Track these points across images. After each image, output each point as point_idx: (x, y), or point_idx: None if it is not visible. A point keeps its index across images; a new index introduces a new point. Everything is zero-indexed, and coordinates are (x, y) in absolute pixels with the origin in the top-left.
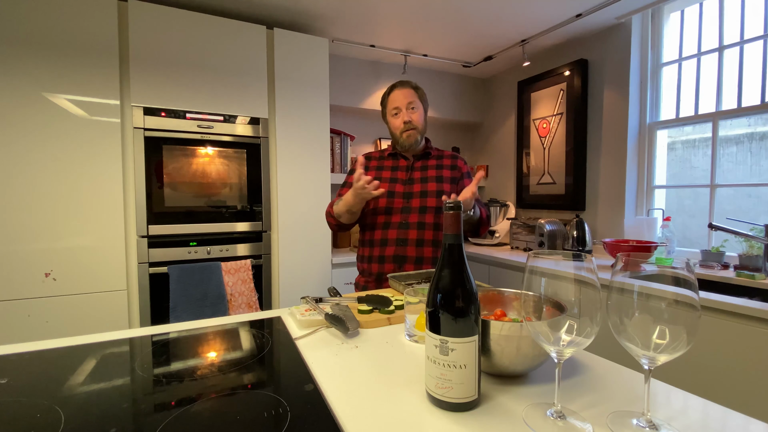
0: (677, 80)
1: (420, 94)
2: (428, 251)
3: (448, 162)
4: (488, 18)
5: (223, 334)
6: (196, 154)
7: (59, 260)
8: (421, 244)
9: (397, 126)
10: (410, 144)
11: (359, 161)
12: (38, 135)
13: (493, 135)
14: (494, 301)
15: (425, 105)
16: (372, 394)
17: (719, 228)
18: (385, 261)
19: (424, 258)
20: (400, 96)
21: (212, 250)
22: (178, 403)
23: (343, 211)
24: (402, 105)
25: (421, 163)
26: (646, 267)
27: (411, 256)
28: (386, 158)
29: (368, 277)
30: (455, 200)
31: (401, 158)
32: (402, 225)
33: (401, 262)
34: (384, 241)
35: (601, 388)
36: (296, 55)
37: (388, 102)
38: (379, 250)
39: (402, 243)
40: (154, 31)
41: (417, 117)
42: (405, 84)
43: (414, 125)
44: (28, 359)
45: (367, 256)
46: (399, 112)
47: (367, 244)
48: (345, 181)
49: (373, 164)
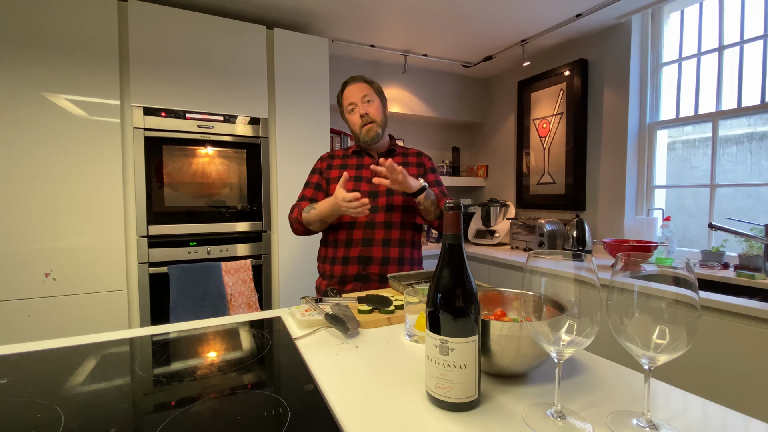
0: (677, 80)
1: (375, 88)
2: (395, 251)
3: (413, 160)
4: (488, 18)
5: (223, 334)
6: (196, 154)
7: (59, 260)
8: (388, 243)
9: (355, 122)
10: (371, 138)
11: (344, 177)
12: (38, 135)
13: (493, 135)
14: (494, 301)
15: (383, 99)
16: (372, 394)
17: (719, 228)
18: (349, 262)
19: (390, 258)
20: (354, 90)
21: (212, 250)
22: (178, 403)
23: (316, 220)
24: (357, 99)
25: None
26: (646, 267)
27: (377, 257)
28: (350, 156)
29: (329, 280)
30: (455, 200)
31: (366, 156)
32: (368, 224)
33: (366, 263)
34: (349, 241)
35: (601, 388)
36: (296, 55)
37: (344, 99)
38: (344, 251)
39: (368, 243)
40: (154, 31)
41: (373, 109)
42: (357, 78)
43: (371, 118)
44: (28, 359)
45: (330, 257)
46: (355, 107)
47: (330, 245)
48: (308, 182)
49: (337, 162)
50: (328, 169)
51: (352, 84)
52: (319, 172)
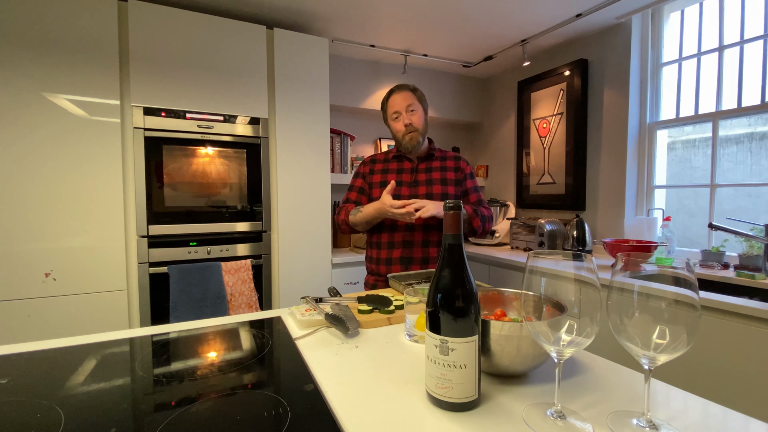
0: (677, 80)
1: (418, 96)
2: (434, 251)
3: (451, 164)
4: (488, 18)
5: (223, 334)
6: (196, 154)
7: (59, 260)
8: (427, 245)
9: (398, 129)
10: (413, 146)
11: (392, 185)
12: (38, 135)
13: (493, 135)
14: (494, 301)
15: (425, 106)
16: (372, 394)
17: (719, 228)
18: (392, 263)
19: (430, 258)
20: (399, 99)
21: (212, 250)
22: (178, 403)
23: (362, 222)
24: (401, 108)
25: (425, 165)
26: (646, 267)
27: (417, 257)
28: (391, 160)
29: (377, 277)
30: (455, 200)
31: (406, 160)
32: (408, 227)
33: (408, 263)
34: (391, 243)
35: (601, 388)
36: (296, 55)
37: (388, 107)
38: (387, 252)
39: (408, 245)
40: (154, 31)
41: (417, 119)
42: (403, 87)
43: (415, 127)
44: (28, 359)
45: (375, 257)
46: (399, 116)
47: (374, 246)
48: (352, 185)
49: (378, 167)
50: (370, 174)
51: (397, 92)
52: (362, 177)
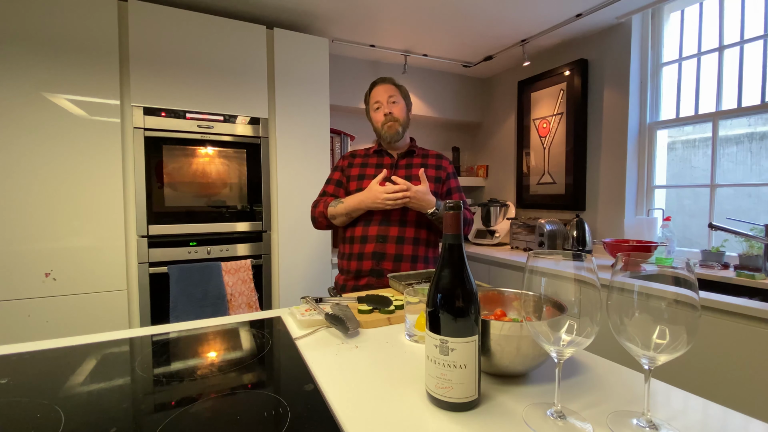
0: (677, 80)
1: (402, 91)
2: (408, 249)
3: (432, 161)
4: (488, 18)
5: (223, 334)
6: (196, 154)
7: (59, 260)
8: (402, 241)
9: (378, 119)
10: (392, 135)
11: (383, 173)
12: (38, 135)
13: (493, 135)
14: (494, 301)
15: (407, 102)
16: (372, 394)
17: (719, 228)
18: (363, 258)
19: (403, 255)
20: (381, 90)
21: (212, 250)
22: (178, 403)
23: (342, 214)
24: (383, 99)
25: (405, 161)
26: (646, 267)
27: (390, 253)
28: (371, 155)
29: (346, 275)
30: (455, 201)
31: (386, 155)
32: (383, 221)
33: (380, 258)
34: (364, 237)
35: (601, 388)
36: (296, 55)
37: (370, 98)
38: (359, 246)
39: (382, 240)
40: (154, 31)
41: (398, 110)
42: (386, 80)
43: (395, 117)
44: (28, 359)
45: (347, 253)
46: (380, 106)
47: (347, 241)
48: (330, 178)
49: (357, 161)
50: (349, 167)
51: (380, 84)
52: (341, 170)
